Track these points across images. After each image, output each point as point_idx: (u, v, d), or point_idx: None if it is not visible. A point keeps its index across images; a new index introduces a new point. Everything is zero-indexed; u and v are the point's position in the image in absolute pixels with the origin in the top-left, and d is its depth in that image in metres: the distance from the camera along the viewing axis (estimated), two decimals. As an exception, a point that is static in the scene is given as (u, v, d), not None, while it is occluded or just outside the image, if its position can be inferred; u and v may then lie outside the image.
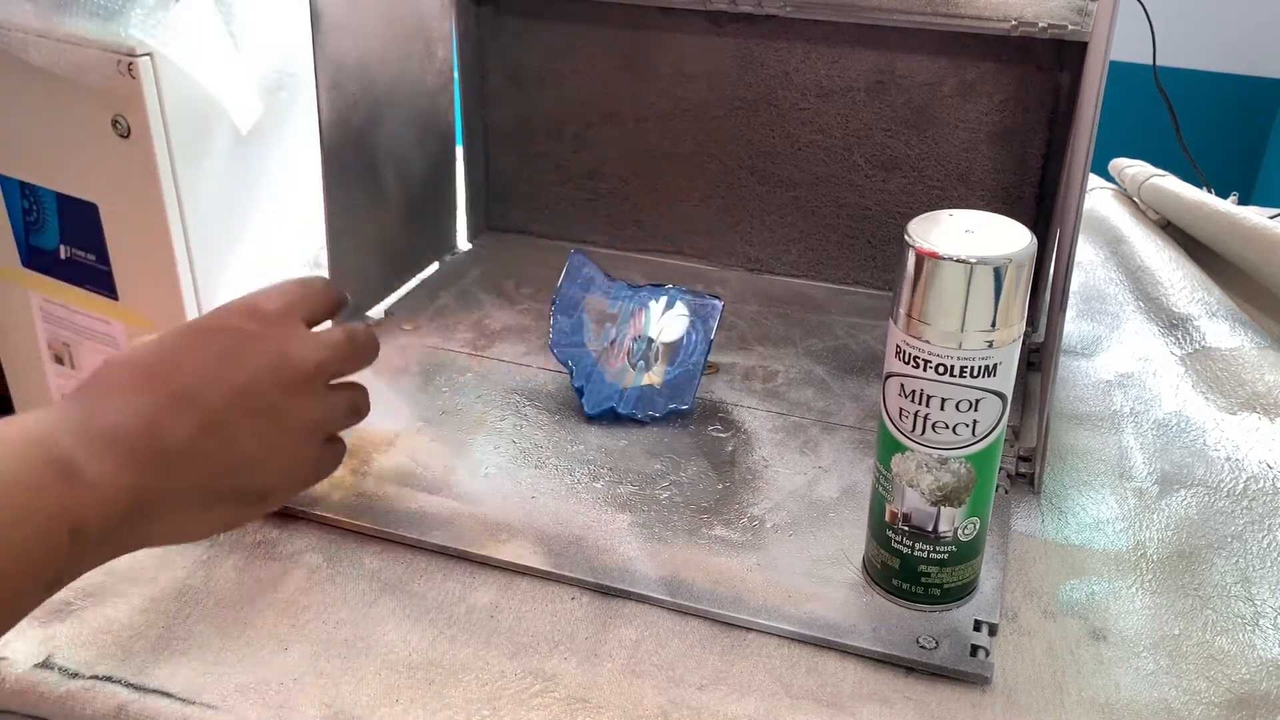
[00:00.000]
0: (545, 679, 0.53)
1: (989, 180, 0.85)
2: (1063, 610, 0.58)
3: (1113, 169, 1.13)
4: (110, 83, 0.91)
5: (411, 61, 0.85)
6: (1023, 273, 0.49)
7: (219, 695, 0.51)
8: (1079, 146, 0.66)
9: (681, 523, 0.62)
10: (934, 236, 0.49)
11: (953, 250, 0.48)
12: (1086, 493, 0.68)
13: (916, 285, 0.49)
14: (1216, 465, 0.70)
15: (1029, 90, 0.81)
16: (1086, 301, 0.92)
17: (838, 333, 0.84)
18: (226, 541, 0.61)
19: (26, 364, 1.20)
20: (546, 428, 0.71)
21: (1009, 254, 0.48)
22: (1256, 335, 0.84)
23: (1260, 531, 0.64)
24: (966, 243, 0.49)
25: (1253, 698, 0.53)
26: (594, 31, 0.90)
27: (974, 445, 0.52)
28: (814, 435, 0.71)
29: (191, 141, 0.96)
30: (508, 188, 0.98)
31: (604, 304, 0.74)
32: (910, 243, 0.49)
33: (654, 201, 0.94)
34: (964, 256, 0.48)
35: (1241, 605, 0.59)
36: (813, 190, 0.90)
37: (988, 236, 0.50)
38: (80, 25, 0.91)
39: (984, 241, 0.49)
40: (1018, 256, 0.48)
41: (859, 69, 0.84)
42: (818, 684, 0.53)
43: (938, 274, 0.49)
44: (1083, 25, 0.75)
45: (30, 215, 1.07)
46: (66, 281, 1.09)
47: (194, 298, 1.01)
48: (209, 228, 1.00)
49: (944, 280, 0.49)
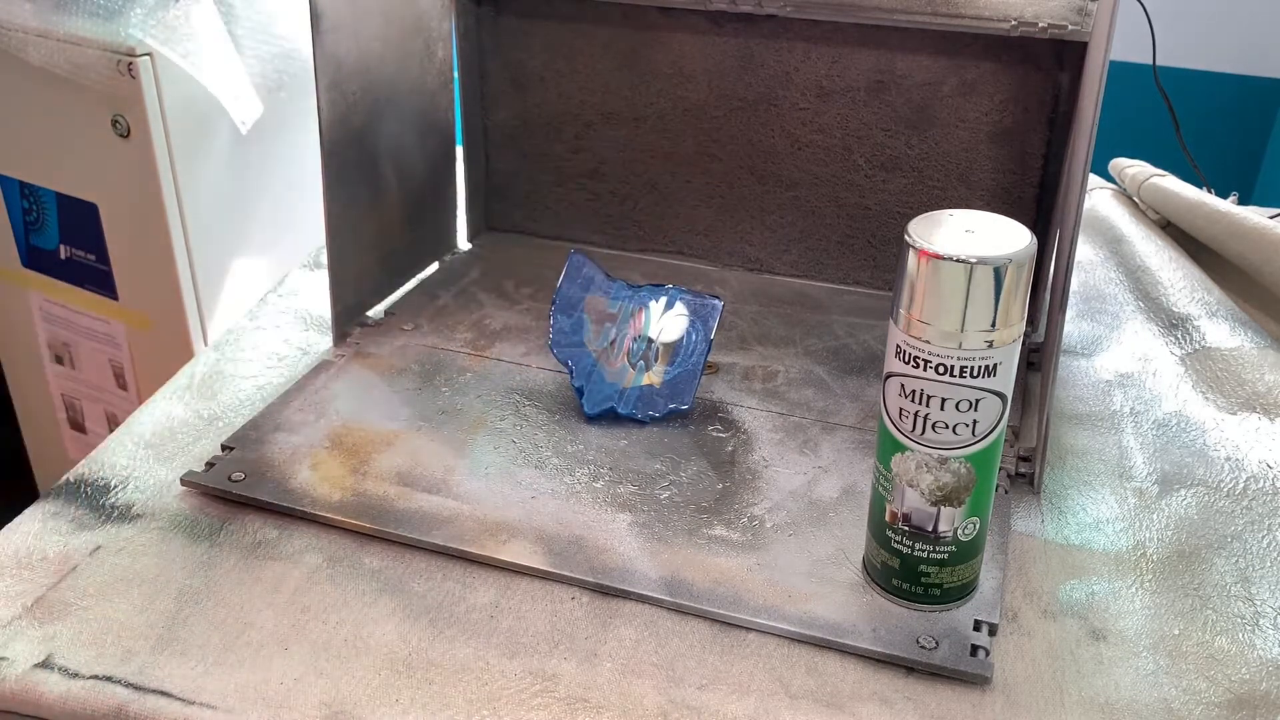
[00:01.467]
0: (545, 679, 0.53)
1: (989, 180, 0.85)
2: (1063, 610, 0.58)
3: (1113, 169, 1.13)
4: (110, 82, 0.91)
5: (411, 61, 0.85)
6: (1023, 273, 0.49)
7: (219, 695, 0.51)
8: (1079, 146, 0.66)
9: (681, 523, 0.62)
10: (934, 237, 0.49)
11: (953, 250, 0.48)
12: (1086, 493, 0.68)
13: (917, 285, 0.49)
14: (1216, 465, 0.70)
15: (1029, 90, 0.81)
16: (1086, 301, 0.92)
17: (838, 333, 0.84)
18: (226, 541, 0.61)
19: (26, 364, 1.20)
20: (546, 428, 0.71)
21: (1009, 254, 0.48)
22: (1256, 335, 0.84)
23: (1260, 531, 0.64)
24: (966, 243, 0.49)
25: (1253, 698, 0.53)
26: (594, 31, 0.90)
27: (974, 445, 0.52)
28: (814, 435, 0.71)
29: (191, 141, 0.96)
30: (508, 188, 0.98)
31: (604, 304, 0.74)
32: (910, 243, 0.49)
33: (654, 201, 0.94)
34: (964, 256, 0.48)
35: (1241, 605, 0.59)
36: (813, 190, 0.90)
37: (987, 237, 0.50)
38: (80, 25, 0.91)
39: (984, 242, 0.49)
40: (1017, 257, 0.48)
41: (859, 69, 0.84)
42: (817, 684, 0.53)
43: (938, 274, 0.49)
44: (1083, 25, 0.75)
45: (30, 215, 1.07)
46: (66, 281, 1.09)
47: (194, 297, 1.01)
48: (209, 227, 1.00)
49: (944, 280, 0.49)
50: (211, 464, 0.66)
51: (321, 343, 0.82)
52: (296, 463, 0.66)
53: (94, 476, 0.67)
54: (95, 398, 1.16)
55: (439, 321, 0.84)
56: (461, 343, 0.81)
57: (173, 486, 0.66)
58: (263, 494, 0.64)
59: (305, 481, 0.65)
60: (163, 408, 0.74)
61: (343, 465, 0.66)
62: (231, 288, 1.03)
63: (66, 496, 0.65)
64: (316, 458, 0.67)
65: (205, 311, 1.03)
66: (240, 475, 0.65)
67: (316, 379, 0.75)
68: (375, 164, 0.82)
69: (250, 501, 0.64)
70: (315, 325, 0.85)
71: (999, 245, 0.49)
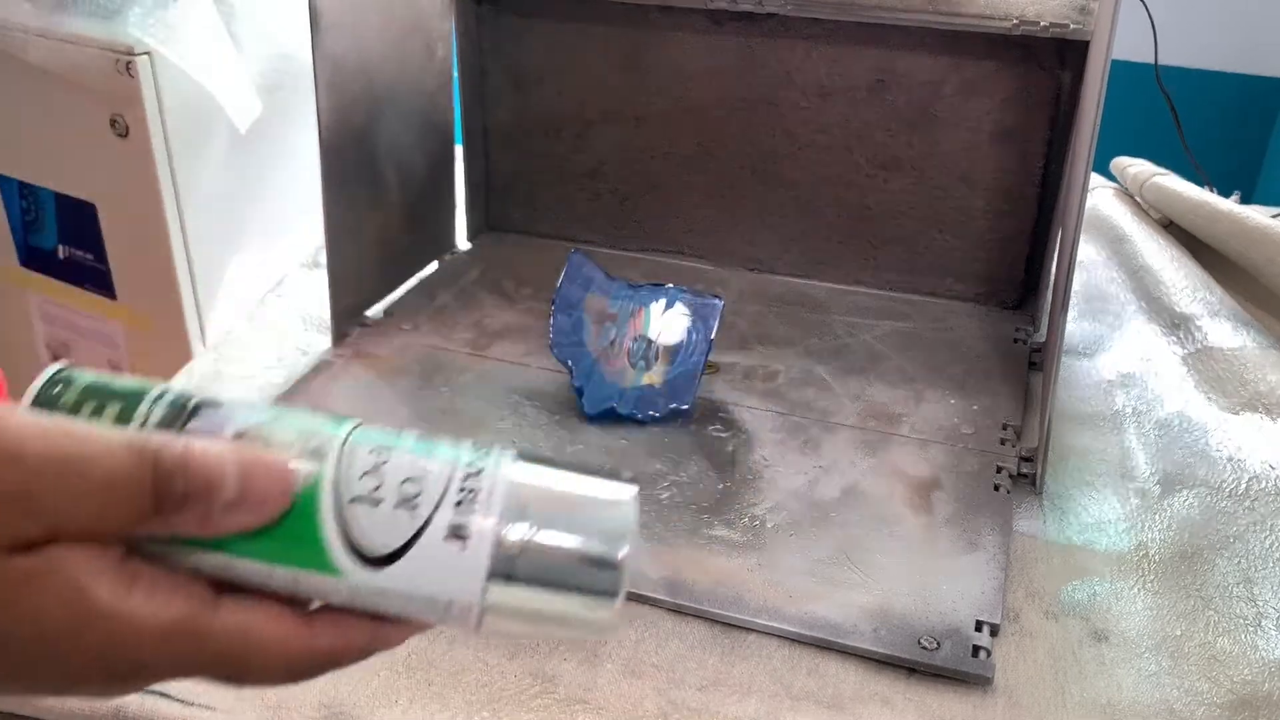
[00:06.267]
0: (545, 679, 0.52)
1: (990, 180, 0.85)
2: (1064, 611, 0.58)
3: (1114, 168, 1.13)
4: (109, 82, 0.91)
5: (411, 61, 0.84)
6: None
7: (218, 696, 0.51)
8: (1080, 145, 0.66)
9: (682, 523, 0.62)
10: None
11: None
12: (1088, 493, 0.68)
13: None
14: (1219, 465, 0.70)
15: (1030, 89, 0.81)
16: (1088, 301, 0.92)
17: (838, 332, 0.84)
18: (225, 542, 0.61)
19: (25, 364, 1.20)
20: (546, 428, 0.70)
21: None
22: (1259, 335, 0.83)
23: (1262, 532, 0.64)
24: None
25: (1255, 698, 0.53)
26: (594, 31, 0.90)
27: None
28: (814, 435, 0.71)
29: (190, 141, 0.96)
30: (508, 188, 0.98)
31: (604, 304, 0.74)
32: None
33: (654, 201, 0.94)
34: None
35: (1244, 606, 0.59)
36: (813, 190, 0.89)
37: None
38: (79, 24, 0.91)
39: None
40: None
41: (860, 68, 0.84)
42: (819, 685, 0.53)
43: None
44: (1084, 24, 0.75)
45: (29, 215, 1.07)
46: (65, 281, 1.09)
47: (192, 297, 1.01)
48: (208, 227, 1.00)
49: None
50: (210, 464, 0.66)
51: (321, 343, 0.82)
52: (295, 463, 0.66)
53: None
54: (94, 398, 1.16)
55: (439, 321, 0.83)
56: (461, 343, 0.80)
57: (171, 487, 0.65)
58: (261, 494, 0.63)
59: (304, 482, 0.64)
60: (161, 408, 0.74)
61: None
62: (230, 287, 1.03)
63: (65, 497, 0.65)
64: (315, 458, 0.67)
65: (204, 311, 1.02)
66: (239, 475, 0.65)
67: (316, 379, 0.75)
68: (375, 164, 0.81)
69: (249, 502, 0.63)
70: (314, 325, 0.85)
71: None
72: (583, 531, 0.31)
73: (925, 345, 0.82)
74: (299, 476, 0.30)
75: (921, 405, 0.74)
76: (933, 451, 0.69)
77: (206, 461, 0.29)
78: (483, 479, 0.30)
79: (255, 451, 0.30)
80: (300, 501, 0.30)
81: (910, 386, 0.77)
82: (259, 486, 0.30)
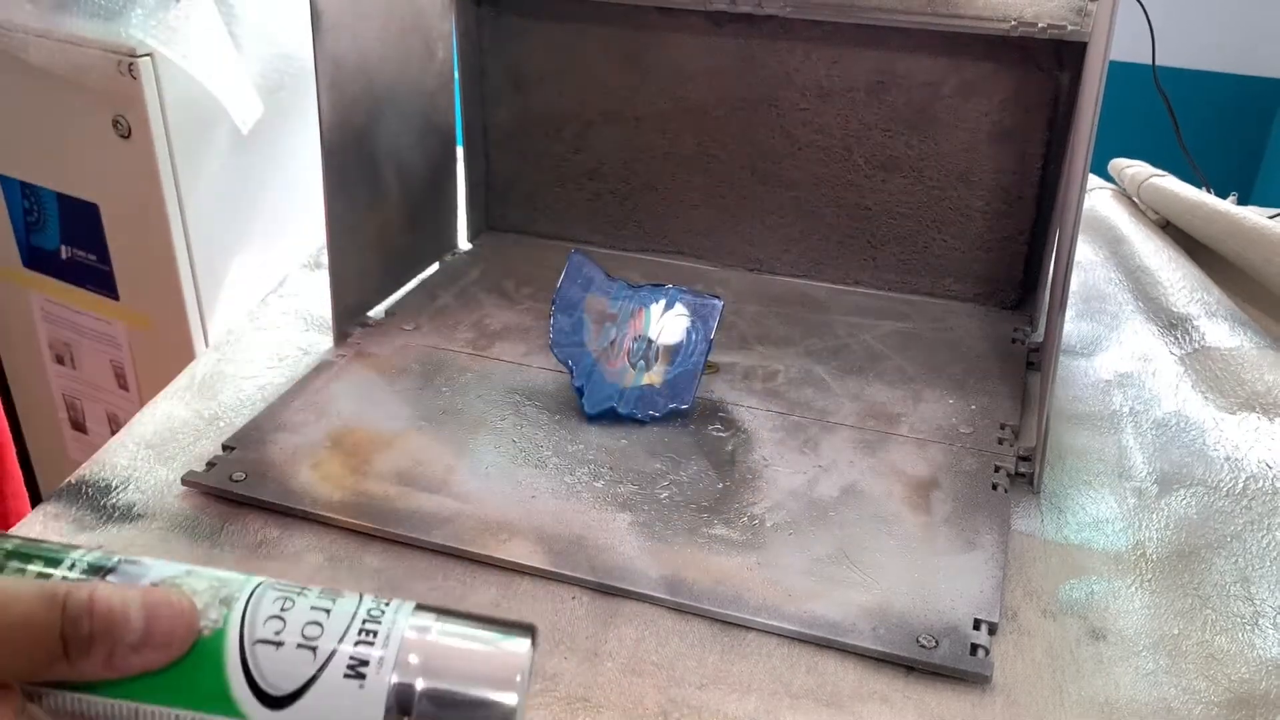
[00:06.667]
0: (545, 678, 0.53)
1: (989, 180, 0.85)
2: (1062, 609, 0.58)
3: (1112, 169, 1.14)
4: (111, 83, 0.91)
5: (411, 61, 0.85)
6: None
7: None
8: (1079, 146, 0.66)
9: (681, 522, 0.62)
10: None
11: None
12: (1086, 492, 0.68)
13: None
14: (1216, 465, 0.70)
15: (1029, 90, 0.81)
16: (1086, 301, 0.92)
17: (838, 332, 0.84)
18: (227, 541, 0.61)
19: (27, 364, 1.20)
20: (546, 428, 0.71)
21: None
22: (1256, 335, 0.84)
23: (1259, 531, 0.64)
24: None
25: (1252, 697, 0.53)
26: (594, 31, 0.90)
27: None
28: (814, 435, 0.71)
29: (192, 141, 0.97)
30: (508, 188, 0.98)
31: (604, 304, 0.74)
32: None
33: (654, 201, 0.94)
34: None
35: (1241, 605, 0.59)
36: (813, 190, 0.90)
37: None
38: (81, 25, 0.92)
39: None
40: None
41: (859, 69, 0.84)
42: (818, 683, 0.53)
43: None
44: (1082, 25, 0.75)
45: (31, 215, 1.07)
46: (67, 282, 1.09)
47: (194, 297, 1.02)
48: (209, 228, 1.01)
49: None
50: (212, 464, 0.66)
51: (322, 343, 0.82)
52: (297, 463, 0.66)
53: (95, 477, 0.67)
54: (96, 398, 1.16)
55: (439, 321, 0.84)
56: (462, 343, 0.81)
57: (174, 486, 0.66)
58: (264, 494, 0.64)
59: (306, 481, 0.65)
60: (163, 408, 0.74)
61: (343, 465, 0.66)
62: (232, 288, 1.03)
63: (68, 497, 0.65)
64: (317, 457, 0.67)
65: (206, 311, 1.03)
66: (241, 475, 0.65)
67: (317, 379, 0.75)
68: (375, 164, 0.82)
69: (251, 501, 0.64)
70: (316, 325, 0.85)
71: None
72: (477, 678, 0.32)
73: (924, 345, 0.82)
74: (204, 617, 0.31)
75: (920, 405, 0.75)
76: (931, 451, 0.70)
77: (111, 603, 0.30)
78: (382, 622, 0.32)
79: (160, 593, 0.31)
80: (206, 645, 0.31)
81: (909, 386, 0.77)
82: (163, 626, 0.30)
